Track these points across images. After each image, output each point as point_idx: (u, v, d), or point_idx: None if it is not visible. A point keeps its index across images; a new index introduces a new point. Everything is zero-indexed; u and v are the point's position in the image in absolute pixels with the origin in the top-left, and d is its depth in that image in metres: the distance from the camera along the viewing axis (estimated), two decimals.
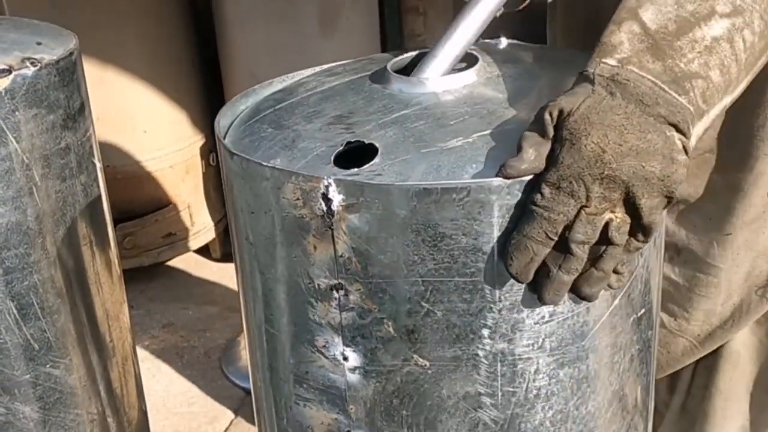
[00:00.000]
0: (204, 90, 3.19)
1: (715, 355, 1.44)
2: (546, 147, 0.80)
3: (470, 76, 0.96)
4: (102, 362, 1.45)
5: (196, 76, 3.16)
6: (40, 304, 1.31)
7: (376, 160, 0.85)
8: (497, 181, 0.80)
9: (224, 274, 3.24)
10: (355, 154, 0.87)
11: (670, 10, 0.85)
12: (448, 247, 0.82)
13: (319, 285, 0.88)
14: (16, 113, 1.21)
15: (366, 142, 0.87)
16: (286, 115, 0.97)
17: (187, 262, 3.33)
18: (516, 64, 1.02)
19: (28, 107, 1.22)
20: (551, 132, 0.80)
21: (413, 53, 1.04)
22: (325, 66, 1.11)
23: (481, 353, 0.86)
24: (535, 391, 0.89)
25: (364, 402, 0.91)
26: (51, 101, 1.25)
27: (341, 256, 0.85)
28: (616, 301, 0.90)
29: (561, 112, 0.80)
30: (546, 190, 0.79)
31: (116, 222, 1.52)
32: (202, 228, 3.23)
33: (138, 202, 3.04)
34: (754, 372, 1.45)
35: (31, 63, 1.22)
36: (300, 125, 0.94)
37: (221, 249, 3.32)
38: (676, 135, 0.81)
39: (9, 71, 1.20)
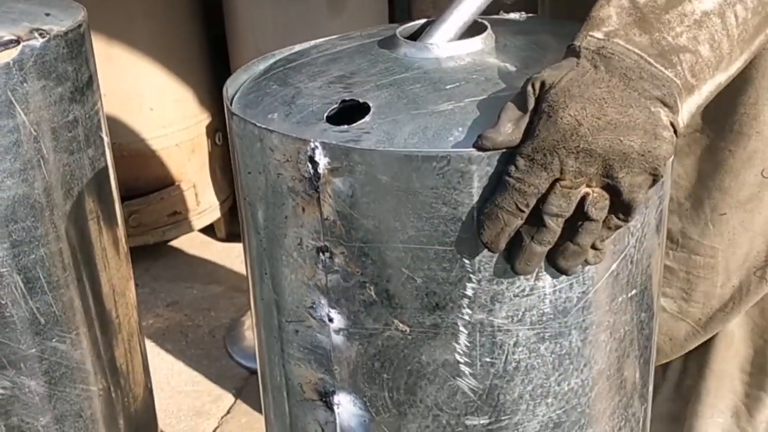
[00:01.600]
0: (211, 68, 3.17)
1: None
2: (525, 119, 0.79)
3: (476, 43, 0.96)
4: (108, 338, 1.45)
5: (203, 54, 3.14)
6: (46, 278, 1.30)
7: (367, 118, 0.85)
8: (477, 150, 0.80)
9: (229, 254, 3.24)
10: (351, 113, 0.88)
11: None
12: (428, 215, 0.83)
13: (307, 246, 0.89)
14: (25, 85, 1.20)
15: (360, 101, 0.88)
16: (293, 73, 0.99)
17: (192, 241, 3.32)
18: (527, 35, 1.02)
19: (36, 79, 1.21)
20: (531, 104, 0.79)
21: (426, 20, 1.05)
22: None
23: (460, 322, 0.87)
24: (514, 364, 0.90)
25: (347, 363, 0.93)
26: (59, 73, 1.24)
27: (327, 218, 0.86)
28: (603, 280, 0.89)
29: (543, 84, 0.80)
30: (520, 162, 0.78)
31: (122, 200, 1.52)
32: (207, 207, 3.22)
33: (144, 180, 3.03)
34: (749, 353, 1.45)
35: (40, 34, 1.21)
36: (303, 83, 0.95)
37: (226, 229, 3.31)
38: (663, 110, 0.80)
39: (17, 42, 1.19)
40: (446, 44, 0.96)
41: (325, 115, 0.87)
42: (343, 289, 0.89)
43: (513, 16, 1.11)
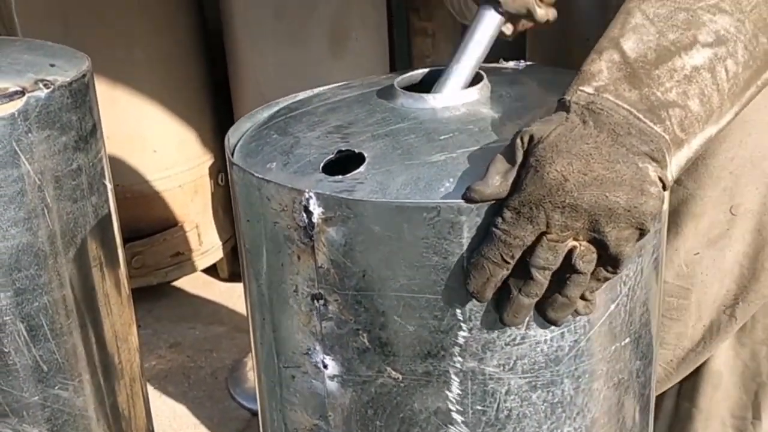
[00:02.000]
0: (214, 110, 3.20)
1: (696, 375, 1.44)
2: (512, 172, 0.80)
3: (472, 94, 0.98)
4: (110, 384, 1.45)
5: (206, 96, 3.17)
6: (50, 326, 1.31)
7: (361, 169, 0.87)
8: (466, 202, 0.81)
9: (232, 294, 3.24)
10: (347, 162, 0.90)
11: (652, 39, 0.84)
12: (420, 264, 0.84)
13: (302, 293, 0.90)
14: (29, 135, 1.21)
15: (356, 151, 0.90)
16: (293, 123, 1.01)
17: (195, 282, 3.32)
18: (523, 85, 1.04)
19: (40, 129, 1.23)
20: (520, 158, 0.80)
21: (426, 70, 1.07)
22: (348, 81, 1.15)
23: (451, 370, 0.88)
24: (506, 412, 0.90)
25: (341, 410, 0.94)
26: (63, 123, 1.26)
27: (321, 266, 0.88)
28: (595, 329, 0.90)
29: (531, 138, 0.81)
30: (507, 214, 0.79)
31: (125, 241, 1.52)
32: (210, 248, 3.23)
33: (146, 221, 3.04)
34: (740, 397, 1.44)
35: (45, 85, 1.23)
36: (302, 132, 0.97)
37: (229, 269, 3.32)
38: (651, 165, 0.80)
39: (22, 93, 1.20)
40: (443, 95, 0.98)
41: (321, 165, 0.89)
42: (337, 336, 0.90)
43: (511, 64, 1.13)
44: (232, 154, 0.98)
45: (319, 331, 0.91)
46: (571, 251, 0.80)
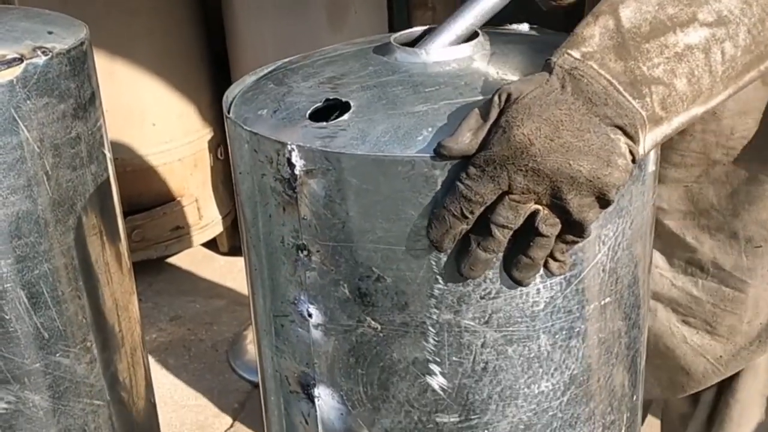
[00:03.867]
0: (213, 84, 3.19)
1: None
2: (483, 130, 0.80)
3: (464, 50, 0.98)
4: (111, 352, 1.46)
5: (204, 69, 3.16)
6: (50, 293, 1.31)
7: (345, 117, 0.89)
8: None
9: (232, 268, 3.25)
10: (335, 111, 0.92)
11: (650, 10, 0.83)
12: (396, 217, 0.86)
13: (288, 244, 0.93)
14: (28, 102, 1.21)
15: (343, 100, 0.91)
16: (291, 74, 1.03)
17: (195, 256, 3.33)
18: (521, 45, 1.04)
19: (39, 96, 1.22)
20: (494, 116, 0.80)
21: (426, 27, 1.08)
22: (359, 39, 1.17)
23: (428, 321, 0.90)
24: (482, 364, 0.92)
25: (326, 358, 0.96)
26: (62, 90, 1.26)
27: (304, 218, 0.90)
28: (572, 286, 0.91)
29: (509, 96, 0.80)
30: (471, 170, 0.80)
31: (125, 215, 1.53)
32: (209, 222, 3.24)
33: (146, 195, 3.04)
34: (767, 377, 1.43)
35: (43, 52, 1.23)
36: (296, 83, 1.00)
37: (229, 243, 3.32)
38: (623, 138, 0.80)
39: (21, 60, 1.20)
40: (435, 50, 0.98)
41: (308, 112, 0.91)
42: (320, 286, 0.93)
43: (517, 26, 1.14)
44: (230, 107, 1.00)
45: (303, 281, 0.93)
46: (534, 214, 0.81)
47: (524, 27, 1.13)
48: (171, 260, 3.29)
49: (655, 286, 1.38)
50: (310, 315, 0.95)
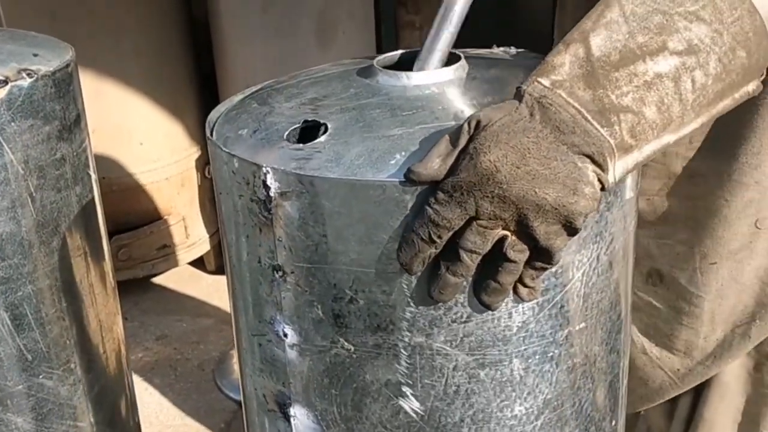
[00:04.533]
0: (200, 103, 3.19)
1: (704, 384, 1.42)
2: (452, 156, 0.81)
3: (446, 74, 0.99)
4: (95, 374, 1.45)
5: (192, 89, 3.17)
6: (34, 315, 1.31)
7: (321, 138, 0.90)
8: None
9: (219, 287, 3.24)
10: (314, 133, 0.93)
11: (620, 38, 0.83)
12: (368, 240, 0.87)
13: (264, 264, 0.94)
14: (12, 124, 1.21)
15: (321, 122, 0.93)
16: (275, 94, 1.05)
17: (182, 275, 3.33)
18: (502, 69, 1.05)
19: (23, 118, 1.23)
20: (463, 142, 0.81)
21: (414, 50, 1.08)
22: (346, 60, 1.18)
23: (400, 344, 0.90)
24: (454, 387, 0.92)
25: (301, 377, 0.98)
26: (47, 112, 1.26)
27: (279, 239, 0.91)
28: (545, 311, 0.91)
29: (478, 123, 0.81)
30: (439, 196, 0.81)
31: (111, 234, 1.53)
32: (196, 240, 3.23)
33: (133, 214, 3.04)
34: (742, 403, 1.43)
35: (28, 74, 1.23)
36: (278, 103, 1.01)
37: (216, 261, 3.32)
38: (591, 166, 0.81)
39: (5, 82, 1.20)
40: (416, 73, 0.99)
41: (286, 133, 0.93)
42: (295, 306, 0.94)
43: (500, 50, 1.15)
44: (213, 127, 1.01)
45: (279, 301, 0.95)
46: (503, 239, 0.82)
47: (512, 50, 1.14)
48: (158, 279, 3.29)
49: None
50: (285, 335, 0.96)
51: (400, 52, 1.09)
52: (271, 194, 0.89)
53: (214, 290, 3.23)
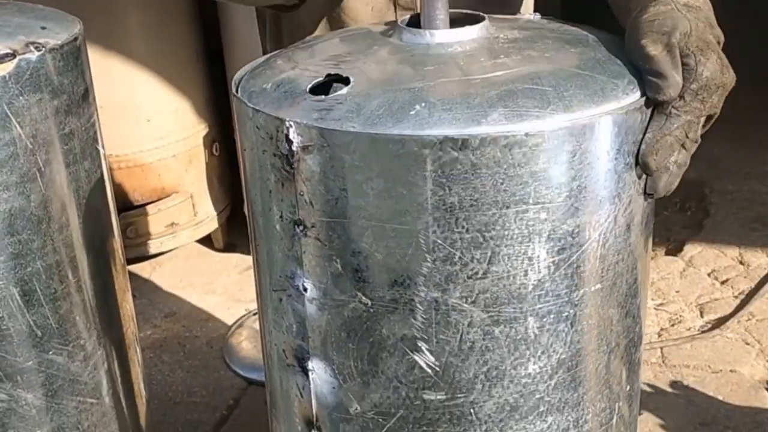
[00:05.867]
0: (208, 80, 3.18)
1: None
2: (678, 66, 0.93)
3: (467, 33, 1.00)
4: (105, 350, 1.45)
5: (200, 66, 3.15)
6: (43, 291, 1.30)
7: (343, 91, 0.91)
8: (430, 135, 0.85)
9: (227, 264, 3.24)
10: (336, 88, 0.95)
11: None
12: (387, 195, 0.88)
13: (285, 219, 0.96)
14: (20, 98, 1.20)
15: (343, 75, 0.94)
16: (300, 51, 1.06)
17: (190, 252, 3.32)
18: (525, 31, 1.06)
19: (32, 92, 1.21)
20: (677, 53, 0.93)
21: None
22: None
23: (416, 299, 0.92)
24: (469, 344, 0.93)
25: (319, 332, 0.99)
26: (55, 86, 1.25)
27: (301, 194, 0.92)
28: (561, 270, 0.92)
29: (684, 35, 0.94)
30: (688, 99, 0.93)
31: (119, 211, 1.52)
32: (205, 218, 3.22)
33: (141, 191, 3.03)
34: None
35: (36, 47, 1.22)
36: (303, 59, 1.03)
37: (224, 239, 3.31)
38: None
39: (13, 55, 1.19)
40: (439, 31, 1.00)
41: (308, 86, 0.94)
42: (315, 261, 0.95)
43: (528, 16, 1.17)
44: (239, 84, 1.03)
45: (300, 256, 0.96)
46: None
47: (536, 16, 1.16)
48: (166, 257, 3.28)
49: None
50: (305, 289, 0.97)
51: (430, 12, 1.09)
52: (294, 148, 0.90)
53: (222, 268, 3.23)
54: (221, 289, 3.11)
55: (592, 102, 0.90)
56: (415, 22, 1.05)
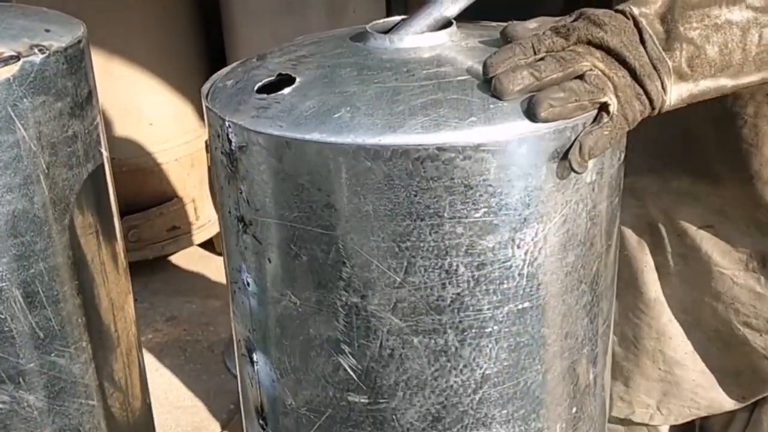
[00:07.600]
0: None
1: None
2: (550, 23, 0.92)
3: (430, 39, 0.99)
4: (107, 352, 1.45)
5: (202, 69, 3.15)
6: (46, 292, 1.30)
7: (285, 91, 0.92)
8: (344, 144, 0.84)
9: None
10: (289, 86, 0.96)
11: None
12: (307, 199, 0.88)
13: (233, 215, 0.97)
14: (24, 100, 1.21)
15: (291, 75, 0.95)
16: (276, 52, 1.07)
17: (191, 256, 3.32)
18: (491, 38, 1.02)
19: (35, 94, 1.22)
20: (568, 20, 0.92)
21: (402, 17, 1.09)
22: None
23: (338, 303, 0.92)
24: (389, 350, 0.93)
25: (260, 326, 1.01)
26: (59, 89, 1.25)
27: (240, 192, 0.94)
28: (481, 286, 0.91)
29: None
30: (548, 32, 0.91)
31: (121, 215, 1.52)
32: (206, 222, 3.23)
33: (143, 195, 3.03)
34: None
35: (39, 50, 1.22)
36: (271, 59, 1.03)
37: None
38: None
39: (18, 58, 1.19)
40: (404, 37, 0.99)
41: (257, 86, 0.95)
42: (254, 257, 0.97)
43: (494, 24, 1.13)
44: (213, 82, 1.05)
45: (243, 251, 0.98)
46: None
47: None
48: (167, 260, 3.28)
49: (716, 285, 1.36)
50: (248, 284, 0.99)
51: (396, 18, 1.08)
52: (233, 148, 0.92)
53: (223, 271, 3.23)
54: (222, 292, 3.11)
55: (518, 116, 0.86)
56: (383, 29, 1.04)
